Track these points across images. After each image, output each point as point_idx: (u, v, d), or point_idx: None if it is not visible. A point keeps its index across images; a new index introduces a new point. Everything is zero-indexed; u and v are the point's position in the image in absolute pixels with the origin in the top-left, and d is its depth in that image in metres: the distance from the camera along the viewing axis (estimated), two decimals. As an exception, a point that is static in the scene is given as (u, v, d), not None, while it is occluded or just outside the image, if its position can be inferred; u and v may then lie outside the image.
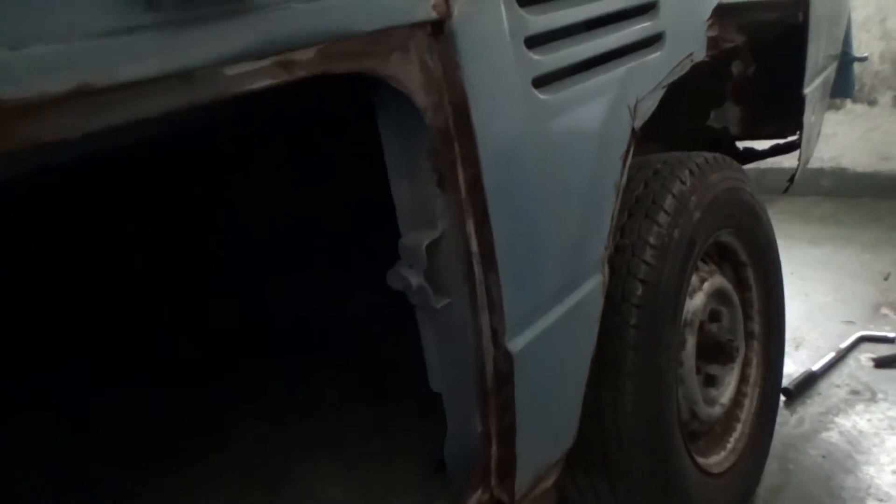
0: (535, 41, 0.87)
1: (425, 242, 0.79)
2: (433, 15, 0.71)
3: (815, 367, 2.13)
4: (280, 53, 0.60)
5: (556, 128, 0.90)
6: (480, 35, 0.77)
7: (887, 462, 1.79)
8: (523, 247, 0.86)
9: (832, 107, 3.44)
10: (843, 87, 2.39)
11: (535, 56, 0.86)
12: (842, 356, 2.21)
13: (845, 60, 2.36)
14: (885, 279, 2.66)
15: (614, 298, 1.23)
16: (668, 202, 1.34)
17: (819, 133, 2.25)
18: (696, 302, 1.47)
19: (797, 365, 2.20)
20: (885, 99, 3.33)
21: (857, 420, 1.95)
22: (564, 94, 0.91)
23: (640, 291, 1.25)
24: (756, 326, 1.75)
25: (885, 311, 2.48)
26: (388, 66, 0.70)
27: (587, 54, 0.94)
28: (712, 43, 1.28)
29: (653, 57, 1.11)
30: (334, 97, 1.19)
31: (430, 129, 0.75)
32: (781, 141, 2.11)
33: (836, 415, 1.98)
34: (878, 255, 2.86)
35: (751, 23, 1.70)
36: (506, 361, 0.87)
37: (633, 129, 1.05)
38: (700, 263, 1.53)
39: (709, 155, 1.53)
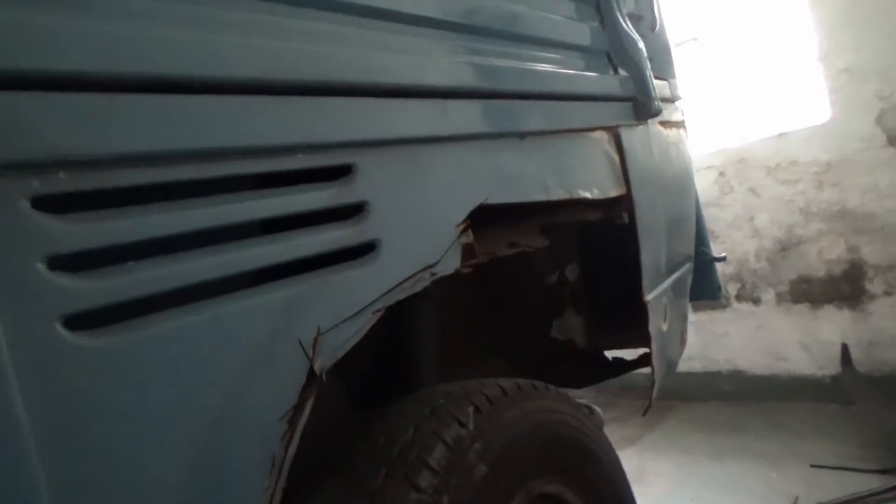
0: (73, 261, 0.57)
1: None
2: None
3: None
4: None
5: (114, 392, 0.57)
6: None
7: None
8: None
9: (717, 306, 3.30)
10: (705, 290, 2.21)
11: (67, 283, 0.56)
12: None
13: (703, 261, 2.20)
14: (793, 504, 2.30)
15: None
16: (438, 455, 1.00)
17: (684, 341, 2.02)
18: (501, 588, 1.08)
19: None
20: (767, 296, 3.20)
21: None
22: (140, 335, 0.60)
23: None
24: None
25: (796, 551, 2.09)
26: None
27: (189, 279, 0.65)
28: (469, 251, 1.03)
29: (356, 273, 0.83)
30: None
31: None
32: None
33: None
34: (785, 473, 2.53)
35: (564, 224, 1.50)
36: None
37: (311, 373, 0.74)
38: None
39: (510, 383, 1.22)
